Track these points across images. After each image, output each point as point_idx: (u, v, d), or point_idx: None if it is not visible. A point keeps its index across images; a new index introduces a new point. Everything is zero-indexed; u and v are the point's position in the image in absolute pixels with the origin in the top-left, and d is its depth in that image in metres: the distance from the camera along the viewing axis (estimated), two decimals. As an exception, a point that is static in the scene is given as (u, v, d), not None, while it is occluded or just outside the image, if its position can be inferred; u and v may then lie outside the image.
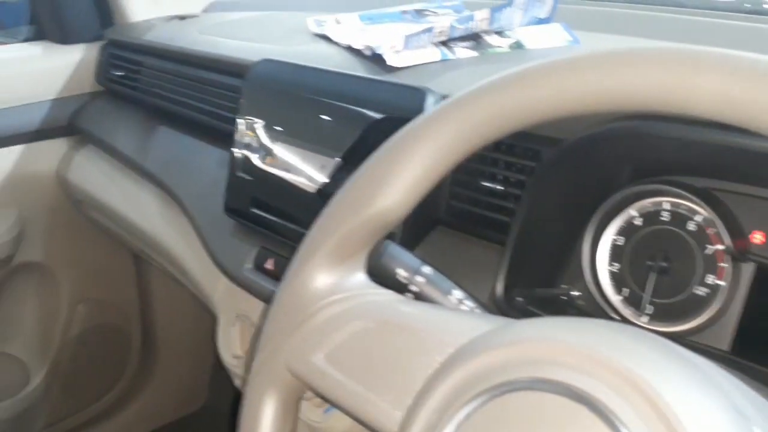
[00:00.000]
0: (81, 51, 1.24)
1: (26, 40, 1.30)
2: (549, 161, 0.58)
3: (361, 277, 0.45)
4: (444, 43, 0.78)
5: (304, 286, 0.44)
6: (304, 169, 0.73)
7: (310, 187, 0.72)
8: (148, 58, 1.11)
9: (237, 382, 0.84)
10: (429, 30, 0.75)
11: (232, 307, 0.83)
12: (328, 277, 0.44)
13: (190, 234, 0.91)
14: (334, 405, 0.42)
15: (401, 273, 0.50)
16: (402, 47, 0.75)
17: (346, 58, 0.81)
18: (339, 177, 0.69)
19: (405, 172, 0.42)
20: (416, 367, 0.38)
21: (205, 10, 1.32)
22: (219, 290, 0.86)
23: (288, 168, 0.74)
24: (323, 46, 0.90)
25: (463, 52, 0.77)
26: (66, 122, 1.23)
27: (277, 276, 0.76)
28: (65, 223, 1.29)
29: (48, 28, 1.26)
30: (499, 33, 0.79)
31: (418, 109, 0.62)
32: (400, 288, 0.50)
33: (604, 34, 0.80)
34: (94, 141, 1.21)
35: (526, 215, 0.59)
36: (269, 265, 0.77)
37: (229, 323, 0.83)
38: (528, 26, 0.80)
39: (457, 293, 0.50)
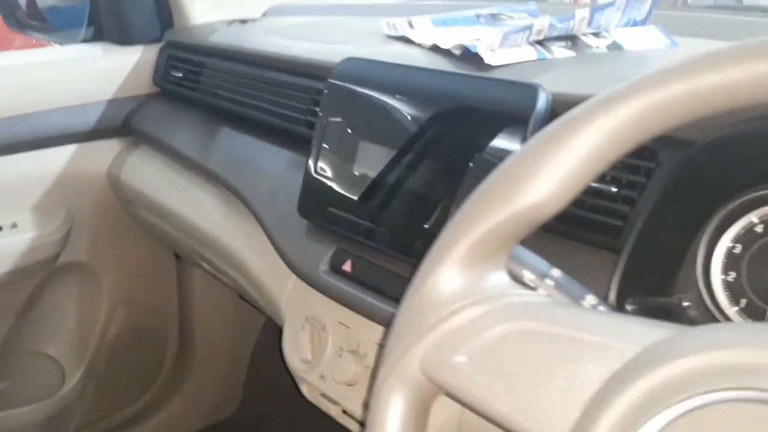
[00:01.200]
0: (139, 52, 1.23)
1: (84, 41, 1.29)
2: (677, 162, 0.56)
3: (503, 277, 0.42)
4: (539, 43, 0.76)
5: (441, 286, 0.42)
6: (393, 170, 0.71)
7: (398, 188, 0.70)
8: (212, 59, 1.10)
9: (303, 388, 0.81)
10: (528, 28, 0.74)
11: (301, 310, 0.80)
12: (467, 276, 0.42)
13: (255, 235, 0.89)
14: (479, 412, 0.39)
15: (528, 276, 0.48)
16: (498, 45, 0.73)
17: (433, 58, 0.80)
18: (435, 179, 0.67)
19: (562, 163, 0.39)
20: (583, 375, 0.35)
21: (265, 15, 1.32)
22: (286, 293, 0.83)
23: (375, 168, 0.72)
24: (404, 47, 0.88)
25: (560, 51, 0.76)
26: (120, 123, 1.22)
27: (355, 278, 0.74)
28: (112, 223, 1.27)
29: (108, 29, 1.26)
30: (595, 34, 0.77)
31: (530, 107, 0.60)
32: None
33: (697, 39, 0.78)
34: (149, 141, 1.19)
35: (646, 219, 0.57)
36: (347, 267, 0.74)
37: (297, 327, 0.80)
38: (625, 28, 0.79)
39: (591, 299, 0.47)
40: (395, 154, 0.71)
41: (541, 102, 0.60)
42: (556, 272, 0.48)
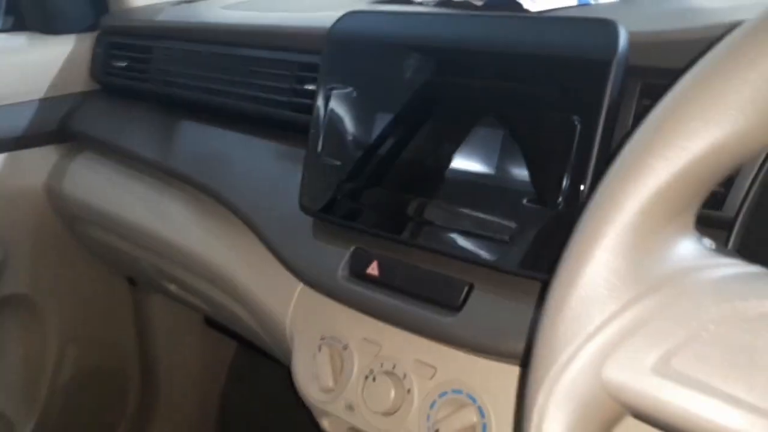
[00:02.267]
0: (71, 42, 1.05)
1: (1, 31, 1.10)
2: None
3: (692, 243, 0.29)
4: (574, -13, 0.64)
5: (612, 262, 0.29)
6: (429, 145, 0.57)
7: (438, 166, 0.56)
8: (165, 42, 0.94)
9: (325, 423, 0.66)
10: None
11: (314, 327, 0.66)
12: (648, 245, 0.29)
13: (242, 242, 0.74)
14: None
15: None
16: (533, -10, 0.61)
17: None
18: (485, 149, 0.54)
19: None
20: None
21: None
22: (292, 308, 0.68)
23: (403, 145, 0.58)
24: (404, 7, 0.74)
25: (600, -4, 0.64)
26: (55, 127, 1.04)
27: (384, 282, 0.59)
28: (53, 246, 1.09)
29: (30, 17, 1.07)
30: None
31: (609, 48, 0.48)
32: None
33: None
34: (93, 146, 1.02)
35: (761, 182, 0.45)
36: (373, 269, 0.60)
37: (311, 349, 0.65)
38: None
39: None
40: (429, 124, 0.57)
41: (623, 40, 0.48)
42: (708, 242, 0.35)
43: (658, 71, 0.51)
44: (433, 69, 0.56)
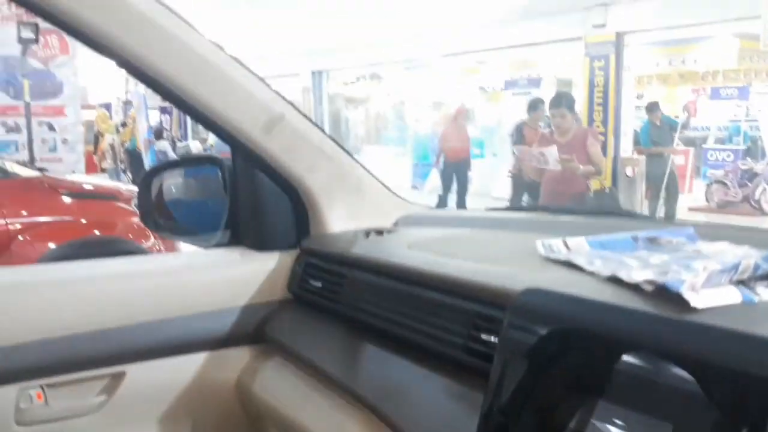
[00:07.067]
0: (275, 259, 1.23)
1: (218, 245, 1.31)
2: None
3: None
4: (741, 282, 0.69)
5: None
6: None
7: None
8: (355, 271, 1.08)
9: None
10: (734, 268, 0.68)
11: None
12: None
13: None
14: None
15: None
16: (701, 285, 0.67)
17: (618, 292, 0.73)
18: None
19: None
20: None
21: (396, 225, 1.32)
22: None
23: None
24: (573, 274, 0.83)
25: (766, 293, 0.68)
26: (252, 330, 1.19)
27: None
28: None
29: (245, 235, 1.28)
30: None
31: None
32: None
33: None
34: (283, 352, 1.15)
35: None
36: None
37: None
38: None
39: None
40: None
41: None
42: None
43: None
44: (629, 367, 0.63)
